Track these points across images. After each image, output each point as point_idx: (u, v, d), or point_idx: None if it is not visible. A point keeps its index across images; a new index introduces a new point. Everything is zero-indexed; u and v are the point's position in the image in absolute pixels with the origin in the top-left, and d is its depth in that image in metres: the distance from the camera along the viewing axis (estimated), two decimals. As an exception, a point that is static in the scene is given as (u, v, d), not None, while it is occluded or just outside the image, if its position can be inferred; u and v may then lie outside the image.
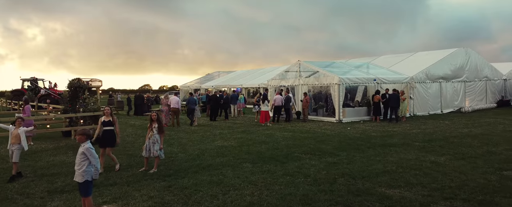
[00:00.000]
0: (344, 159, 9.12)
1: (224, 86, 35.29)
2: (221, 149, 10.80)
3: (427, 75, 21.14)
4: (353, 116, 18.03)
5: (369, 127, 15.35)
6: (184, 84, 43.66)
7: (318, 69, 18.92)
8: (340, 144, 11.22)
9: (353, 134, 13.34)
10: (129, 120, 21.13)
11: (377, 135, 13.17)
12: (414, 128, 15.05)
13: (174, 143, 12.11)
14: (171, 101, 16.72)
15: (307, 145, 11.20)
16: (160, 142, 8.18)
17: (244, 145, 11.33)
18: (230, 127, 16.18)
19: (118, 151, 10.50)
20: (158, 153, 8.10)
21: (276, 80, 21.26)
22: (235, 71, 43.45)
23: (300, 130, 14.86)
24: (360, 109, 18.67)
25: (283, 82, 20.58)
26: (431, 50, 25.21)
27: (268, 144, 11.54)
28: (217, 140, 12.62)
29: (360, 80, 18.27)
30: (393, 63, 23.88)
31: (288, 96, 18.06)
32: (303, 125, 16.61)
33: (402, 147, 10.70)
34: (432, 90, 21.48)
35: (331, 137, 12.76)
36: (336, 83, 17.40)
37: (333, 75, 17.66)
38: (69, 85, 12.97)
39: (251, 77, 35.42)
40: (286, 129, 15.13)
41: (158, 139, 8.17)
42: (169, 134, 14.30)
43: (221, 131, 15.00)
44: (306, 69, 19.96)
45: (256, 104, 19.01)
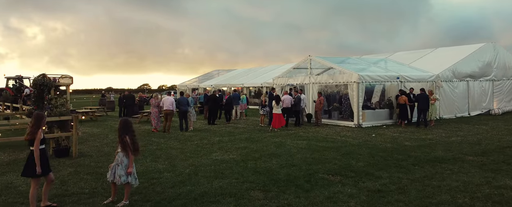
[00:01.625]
0: (389, 184, 6.63)
1: (224, 85, 32.76)
2: (220, 165, 8.31)
3: (454, 72, 18.66)
4: (374, 120, 15.55)
5: (397, 134, 12.87)
6: (182, 83, 41.15)
7: (332, 65, 16.43)
8: (373, 159, 8.73)
9: (383, 144, 10.85)
10: (117, 123, 18.61)
11: (413, 145, 10.68)
12: (450, 135, 12.58)
13: (161, 155, 9.61)
14: (163, 102, 14.24)
15: (330, 159, 8.71)
16: (128, 165, 5.69)
17: (250, 160, 8.84)
18: (231, 133, 13.69)
19: (85, 167, 8.03)
20: (122, 179, 5.61)
21: (283, 78, 18.78)
22: (236, 69, 40.93)
23: (315, 137, 12.37)
24: (381, 111, 16.19)
25: (291, 81, 18.11)
26: (453, 46, 22.75)
27: (280, 157, 9.05)
28: (215, 151, 10.13)
29: (381, 78, 15.79)
30: (411, 60, 21.37)
31: (299, 97, 15.58)
32: (316, 130, 14.13)
33: (455, 163, 8.22)
34: (459, 90, 19.00)
35: (357, 147, 10.27)
36: (354, 81, 14.92)
37: (351, 72, 15.17)
38: (33, 83, 10.50)
39: (252, 75, 32.90)
40: (298, 136, 12.64)
41: (124, 160, 5.68)
42: (158, 142, 11.79)
43: (221, 138, 12.51)
44: (317, 65, 17.49)
45: (264, 106, 16.49)
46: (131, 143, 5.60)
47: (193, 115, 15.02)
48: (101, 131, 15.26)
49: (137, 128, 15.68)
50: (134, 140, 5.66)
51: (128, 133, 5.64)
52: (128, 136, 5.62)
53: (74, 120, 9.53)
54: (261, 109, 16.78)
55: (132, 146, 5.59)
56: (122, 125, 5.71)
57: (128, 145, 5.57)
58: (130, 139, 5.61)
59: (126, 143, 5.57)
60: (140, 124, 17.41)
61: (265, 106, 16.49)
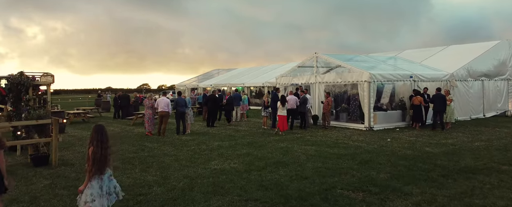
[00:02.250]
0: (423, 203, 5.50)
1: (224, 85, 31.63)
2: (220, 177, 7.18)
3: (468, 71, 17.52)
4: (386, 122, 14.41)
5: (413, 138, 11.73)
6: (181, 82, 40.02)
7: (341, 62, 15.28)
8: (395, 169, 7.60)
9: (402, 150, 9.71)
10: (110, 125, 17.49)
11: (435, 151, 9.54)
12: (473, 139, 11.45)
13: (153, 164, 8.48)
14: (158, 103, 13.10)
15: (347, 170, 7.57)
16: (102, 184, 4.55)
17: (254, 170, 7.70)
18: (231, 137, 12.55)
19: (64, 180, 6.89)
20: (78, 203, 4.51)
21: (286, 77, 17.63)
22: (236, 68, 39.77)
23: (324, 142, 11.23)
24: (393, 113, 15.04)
25: (295, 80, 16.95)
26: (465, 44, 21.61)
27: (288, 167, 7.91)
28: (214, 158, 8.99)
29: (394, 77, 14.63)
30: (421, 58, 20.18)
31: (305, 97, 14.44)
32: (325, 134, 12.98)
33: (491, 175, 7.09)
34: (474, 90, 17.87)
35: (374, 155, 9.13)
36: (365, 80, 13.77)
37: (361, 71, 14.02)
38: (10, 81, 9.36)
39: (253, 75, 31.76)
40: (305, 141, 11.50)
41: None
42: (150, 148, 10.65)
43: (220, 142, 11.37)
44: (324, 63, 16.34)
45: (266, 107, 15.35)
46: (93, 156, 4.45)
47: (191, 117, 13.88)
48: (91, 134, 14.10)
49: (130, 131, 14.52)
50: (103, 153, 4.50)
51: (96, 142, 4.50)
52: (93, 146, 4.49)
53: (53, 124, 8.40)
54: (263, 111, 15.64)
55: (94, 160, 4.44)
56: (92, 132, 4.60)
57: (88, 158, 4.47)
58: (95, 151, 4.47)
59: (87, 155, 4.49)
60: (134, 127, 16.27)
61: (268, 107, 15.34)
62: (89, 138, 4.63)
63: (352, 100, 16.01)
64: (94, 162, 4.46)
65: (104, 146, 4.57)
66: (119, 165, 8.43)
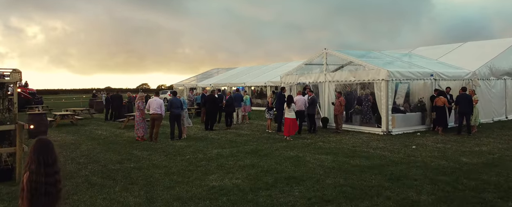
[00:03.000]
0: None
1: (224, 84, 30.14)
2: (219, 198, 5.69)
3: (491, 69, 16.06)
4: (404, 126, 12.94)
5: (441, 145, 10.25)
6: (179, 82, 38.51)
7: (354, 59, 13.78)
8: (437, 188, 6.11)
9: (434, 160, 8.22)
10: (99, 127, 16.01)
11: (474, 162, 8.07)
12: (508, 146, 10.00)
13: (138, 179, 6.99)
14: (149, 105, 11.61)
15: (377, 189, 6.08)
16: None
17: (261, 188, 6.22)
18: (233, 143, 11.06)
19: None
20: None
21: (292, 76, 16.12)
22: (236, 67, 38.25)
23: (340, 149, 9.74)
24: (412, 115, 13.57)
25: (302, 79, 15.45)
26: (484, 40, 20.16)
27: (304, 184, 6.43)
28: (212, 171, 7.51)
29: (413, 75, 13.15)
30: (437, 55, 18.68)
31: (313, 98, 12.96)
32: (338, 139, 11.50)
33: None
34: (496, 89, 16.40)
35: (404, 166, 7.65)
36: (382, 78, 12.29)
37: (378, 68, 12.54)
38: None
39: (254, 74, 30.25)
40: (318, 148, 10.01)
41: None
42: (138, 157, 9.16)
43: (220, 150, 9.88)
44: (335, 61, 14.84)
45: (270, 108, 13.87)
46: (29, 188, 2.90)
47: (187, 119, 12.39)
48: (76, 139, 12.63)
49: (119, 136, 13.02)
50: (45, 182, 2.96)
51: (36, 166, 2.97)
52: (30, 171, 2.95)
53: (17, 131, 6.92)
54: (267, 113, 14.14)
55: (30, 196, 2.90)
56: (30, 150, 3.06)
57: (21, 189, 2.93)
58: (31, 179, 2.93)
59: (20, 185, 2.96)
60: (125, 130, 14.78)
61: (272, 108, 13.87)
62: (26, 159, 3.10)
63: (364, 100, 14.56)
64: (31, 198, 2.93)
65: (48, 172, 3.03)
66: (98, 180, 6.94)
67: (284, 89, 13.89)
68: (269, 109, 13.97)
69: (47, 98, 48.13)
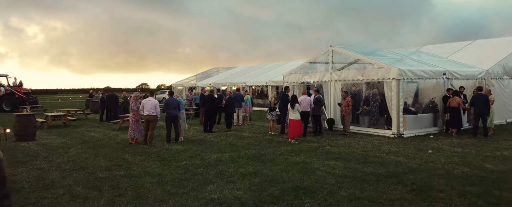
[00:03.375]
0: None
1: (223, 84, 29.36)
2: (219, 216, 4.91)
3: (505, 68, 15.28)
4: (416, 128, 12.17)
5: (458, 149, 9.47)
6: (178, 81, 37.71)
7: (361, 57, 13.00)
8: (468, 202, 5.33)
9: (456, 167, 7.44)
10: (92, 129, 15.24)
11: (500, 169, 7.30)
12: (533, 150, 9.21)
13: (127, 190, 6.20)
14: (144, 106, 10.83)
15: (401, 203, 5.29)
16: None
17: (267, 202, 5.43)
18: (233, 147, 10.27)
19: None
20: None
21: (296, 75, 15.34)
22: (237, 67, 37.45)
23: (351, 154, 8.95)
24: (424, 116, 12.79)
25: (306, 77, 14.66)
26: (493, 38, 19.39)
27: (314, 197, 5.64)
28: (211, 180, 6.72)
29: (426, 74, 12.36)
30: (446, 53, 17.92)
31: (319, 98, 12.18)
32: (347, 142, 10.72)
33: None
34: (510, 89, 15.64)
35: (424, 175, 6.86)
36: (393, 77, 11.52)
37: (389, 66, 11.76)
38: None
39: (255, 73, 29.46)
40: (326, 153, 9.22)
41: None
42: (130, 162, 8.37)
43: (220, 154, 9.10)
44: (340, 59, 14.05)
45: (272, 109, 13.10)
46: None
47: (185, 121, 11.60)
48: (66, 142, 11.83)
49: (112, 138, 12.24)
50: None
51: None
52: None
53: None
54: (269, 114, 13.34)
55: None
56: None
57: None
58: None
59: None
60: (120, 132, 13.99)
61: (274, 109, 13.08)
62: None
63: (372, 101, 13.78)
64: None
65: None
66: (81, 191, 6.16)
67: (288, 89, 13.10)
68: (271, 109, 13.20)
69: (43, 98, 47.29)
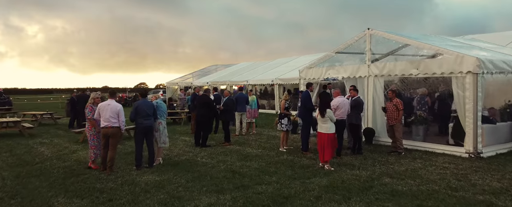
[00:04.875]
0: None
1: (223, 83, 25.74)
2: None
3: None
4: (495, 143, 8.55)
5: None
6: (173, 80, 34.06)
7: (416, 42, 9.31)
8: None
9: None
10: (50, 141, 11.63)
11: None
12: None
13: None
14: (100, 113, 7.16)
15: None
16: None
17: None
18: (236, 177, 6.63)
19: None
20: None
21: (317, 69, 11.65)
22: (237, 64, 33.76)
23: (432, 195, 5.32)
24: (502, 126, 9.16)
25: (332, 72, 10.99)
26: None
27: None
28: None
29: (509, 67, 8.70)
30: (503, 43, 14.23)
31: (359, 100, 8.55)
32: (408, 168, 7.07)
33: None
34: None
35: None
36: (468, 70, 7.88)
37: (460, 55, 8.11)
38: None
39: (258, 71, 25.78)
40: (390, 192, 5.57)
41: None
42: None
43: (215, 197, 5.48)
44: (382, 48, 10.39)
45: (283, 115, 9.28)
46: None
47: (163, 135, 7.92)
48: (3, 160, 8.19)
49: (66, 156, 8.57)
50: None
51: None
52: None
53: None
54: (279, 124, 9.40)
55: None
56: None
57: None
58: None
59: None
60: (82, 146, 10.34)
61: (286, 116, 9.27)
62: None
63: (419, 104, 10.22)
64: None
65: None
66: None
67: (311, 86, 9.34)
68: (281, 116, 9.38)
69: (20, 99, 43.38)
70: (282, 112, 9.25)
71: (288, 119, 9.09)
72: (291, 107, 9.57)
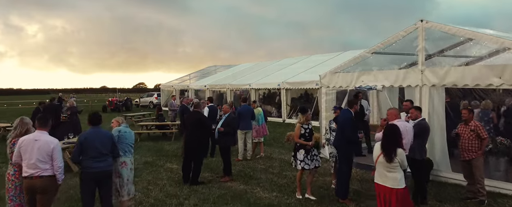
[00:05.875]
0: None
1: (222, 86, 23.00)
2: None
3: None
4: None
5: None
6: (168, 82, 31.33)
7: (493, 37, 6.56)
8: None
9: None
10: None
11: None
12: None
13: None
14: (21, 152, 4.39)
15: None
16: None
17: None
18: None
19: None
20: None
21: (343, 75, 8.86)
22: (238, 64, 30.99)
23: None
24: None
25: (367, 79, 8.22)
26: None
27: None
28: None
29: None
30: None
31: (423, 123, 5.78)
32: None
33: None
34: None
35: None
36: None
37: None
38: None
39: (261, 73, 23.01)
40: None
41: None
42: None
43: None
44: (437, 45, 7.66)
45: (302, 147, 6.06)
46: None
47: (129, 182, 5.17)
48: None
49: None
50: None
51: None
52: None
53: None
54: (293, 158, 6.25)
55: None
56: None
57: None
58: None
59: None
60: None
61: (301, 147, 6.09)
62: None
63: (482, 120, 7.58)
64: None
65: None
66: None
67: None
68: (296, 147, 6.18)
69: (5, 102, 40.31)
70: (297, 142, 6.19)
71: (307, 151, 6.10)
72: (308, 134, 6.12)
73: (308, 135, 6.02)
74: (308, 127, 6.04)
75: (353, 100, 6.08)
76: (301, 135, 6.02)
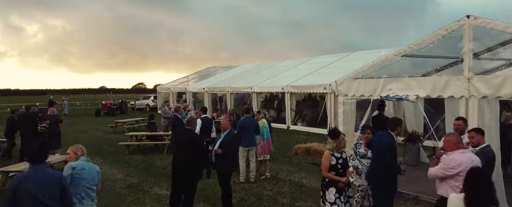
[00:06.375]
0: None
1: (222, 89, 21.52)
2: None
3: None
4: None
5: None
6: (165, 85, 29.88)
7: None
8: None
9: None
10: None
11: None
12: None
13: None
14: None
15: None
16: None
17: None
18: None
19: None
20: None
21: (366, 82, 7.41)
22: (239, 66, 29.52)
23: None
24: None
25: (396, 87, 6.79)
26: None
27: None
28: None
29: None
30: None
31: (487, 150, 4.38)
32: None
33: None
34: None
35: None
36: None
37: None
38: None
39: (263, 75, 21.55)
40: None
41: None
42: None
43: None
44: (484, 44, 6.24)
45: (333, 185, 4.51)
46: None
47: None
48: None
49: None
50: None
51: None
52: None
53: None
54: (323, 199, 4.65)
55: None
56: None
57: None
58: None
59: None
60: None
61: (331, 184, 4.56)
62: None
63: None
64: None
65: None
66: None
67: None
68: (326, 184, 4.62)
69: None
70: (325, 176, 4.63)
71: (339, 190, 4.52)
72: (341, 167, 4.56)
73: (341, 168, 4.51)
74: (341, 156, 4.55)
75: (397, 121, 4.61)
76: (331, 166, 4.51)
